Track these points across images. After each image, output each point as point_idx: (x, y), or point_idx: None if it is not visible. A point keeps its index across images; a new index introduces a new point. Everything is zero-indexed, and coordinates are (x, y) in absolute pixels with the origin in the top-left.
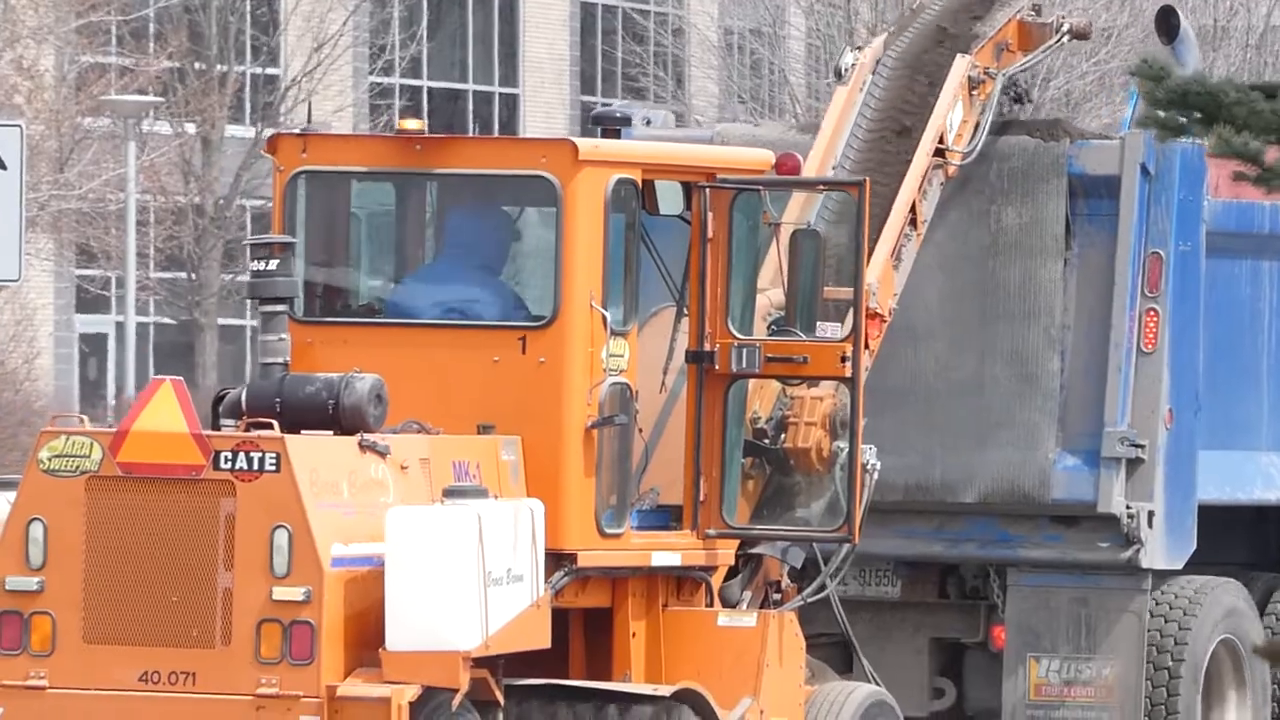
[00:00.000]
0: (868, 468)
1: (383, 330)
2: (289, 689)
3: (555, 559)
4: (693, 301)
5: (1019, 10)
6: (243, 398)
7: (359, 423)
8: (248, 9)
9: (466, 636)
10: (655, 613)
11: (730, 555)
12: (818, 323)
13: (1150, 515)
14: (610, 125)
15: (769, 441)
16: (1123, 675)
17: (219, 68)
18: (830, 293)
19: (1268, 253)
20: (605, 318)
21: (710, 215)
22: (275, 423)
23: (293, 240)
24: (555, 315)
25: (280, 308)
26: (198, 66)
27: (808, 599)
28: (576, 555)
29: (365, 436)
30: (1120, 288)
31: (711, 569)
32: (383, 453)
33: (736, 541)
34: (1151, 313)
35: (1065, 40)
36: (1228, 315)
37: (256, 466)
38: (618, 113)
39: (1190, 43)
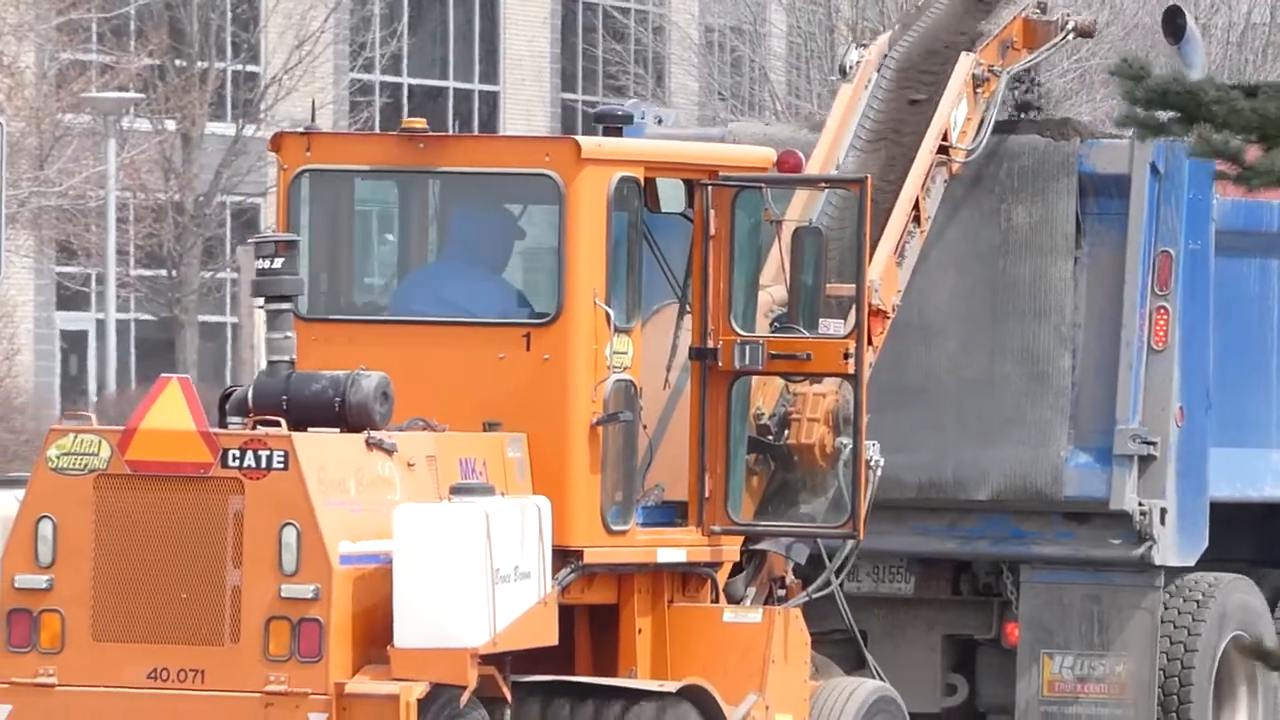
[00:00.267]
0: (871, 464)
1: (387, 328)
2: (297, 686)
3: (561, 555)
4: (695, 298)
5: (1024, 8)
6: (249, 395)
7: (365, 420)
8: (228, 6)
9: (474, 634)
10: (661, 609)
11: (735, 551)
12: (820, 319)
13: (1163, 512)
14: (612, 124)
15: (773, 438)
16: (1136, 672)
17: (199, 65)
18: (833, 289)
19: (1276, 251)
20: (609, 315)
21: (712, 213)
22: (283, 420)
23: (297, 238)
24: (559, 312)
25: (286, 305)
26: (178, 63)
27: (812, 595)
28: (582, 552)
29: (372, 434)
30: (1130, 286)
31: (717, 565)
32: (390, 450)
33: (741, 538)
34: (1162, 311)
35: (1070, 38)
36: (1237, 313)
37: (265, 464)
38: (620, 111)
39: (1197, 43)
